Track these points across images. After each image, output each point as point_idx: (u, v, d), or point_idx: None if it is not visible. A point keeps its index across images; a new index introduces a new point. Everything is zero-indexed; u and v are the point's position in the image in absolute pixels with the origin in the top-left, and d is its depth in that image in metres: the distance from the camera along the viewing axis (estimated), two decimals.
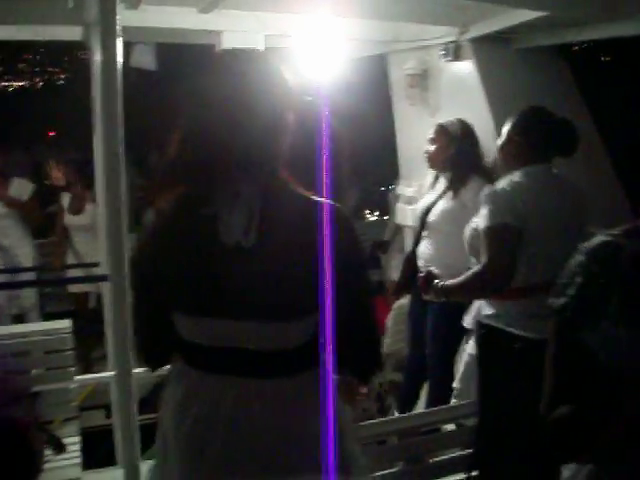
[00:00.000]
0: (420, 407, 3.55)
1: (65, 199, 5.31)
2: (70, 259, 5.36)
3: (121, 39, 2.10)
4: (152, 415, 3.01)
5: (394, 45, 4.25)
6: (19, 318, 5.03)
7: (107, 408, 4.41)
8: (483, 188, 2.57)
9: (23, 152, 5.59)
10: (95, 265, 4.25)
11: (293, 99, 1.42)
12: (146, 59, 3.95)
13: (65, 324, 2.89)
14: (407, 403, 3.64)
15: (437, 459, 2.23)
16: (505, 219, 2.30)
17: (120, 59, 2.11)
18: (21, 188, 5.10)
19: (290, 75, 1.43)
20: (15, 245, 5.08)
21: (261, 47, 3.66)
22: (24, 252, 5.11)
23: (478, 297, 2.55)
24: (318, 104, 1.56)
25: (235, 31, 3.62)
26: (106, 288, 3.62)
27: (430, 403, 3.35)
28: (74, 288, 5.37)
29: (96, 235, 4.92)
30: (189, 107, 1.41)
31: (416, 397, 3.66)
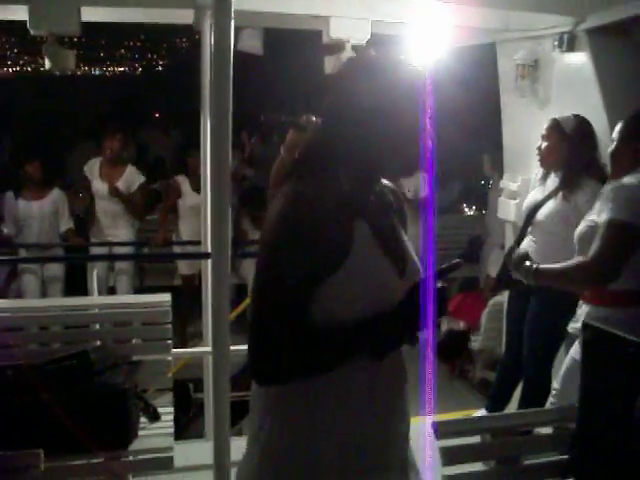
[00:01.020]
0: (512, 408, 3.46)
1: (184, 181, 5.55)
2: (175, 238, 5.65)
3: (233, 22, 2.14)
4: (240, 393, 3.10)
5: (504, 34, 4.12)
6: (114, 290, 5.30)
7: (195, 382, 4.58)
8: (598, 192, 2.50)
9: (131, 136, 5.86)
10: (197, 243, 4.41)
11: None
12: (254, 44, 4.00)
13: (165, 298, 2.99)
14: (497, 402, 3.56)
15: (531, 461, 2.17)
16: (629, 218, 2.25)
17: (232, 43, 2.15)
18: (132, 178, 5.35)
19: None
20: (115, 225, 5.35)
21: (368, 34, 3.63)
22: (122, 233, 5.37)
23: (575, 287, 2.52)
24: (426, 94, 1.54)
25: (343, 17, 3.61)
26: (206, 266, 3.75)
27: (523, 404, 3.26)
28: (183, 269, 5.66)
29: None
30: (349, 109, 1.42)
31: (507, 397, 3.57)
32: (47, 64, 3.51)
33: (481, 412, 3.52)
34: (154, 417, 2.78)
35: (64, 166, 7.42)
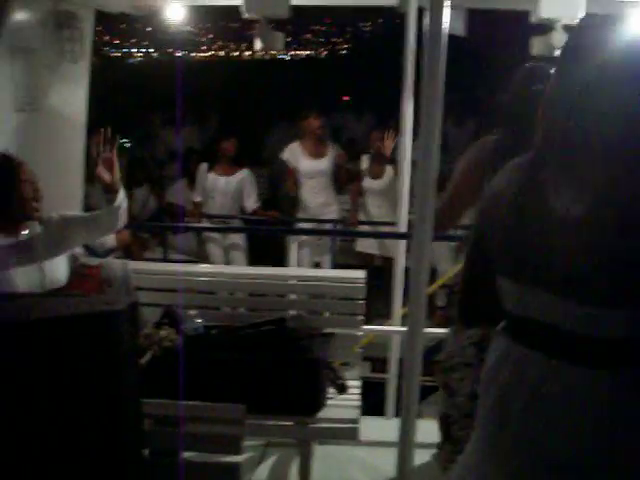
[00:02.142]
0: None
1: (365, 162, 5.68)
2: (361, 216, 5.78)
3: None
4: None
5: None
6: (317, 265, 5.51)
7: (374, 361, 4.66)
8: None
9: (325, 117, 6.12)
10: (391, 224, 4.48)
11: None
12: (457, 25, 3.92)
13: (360, 275, 3.06)
14: None
15: None
16: None
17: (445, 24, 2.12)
18: (334, 152, 5.59)
19: None
20: (326, 202, 5.57)
21: (581, 12, 3.42)
22: (331, 209, 5.59)
23: None
24: None
25: None
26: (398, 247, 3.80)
27: None
28: (362, 247, 5.79)
29: (388, 199, 5.24)
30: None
31: None
32: (257, 45, 3.70)
33: None
34: (342, 389, 2.86)
35: (262, 146, 7.83)
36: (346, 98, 14.22)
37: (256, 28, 3.62)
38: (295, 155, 5.59)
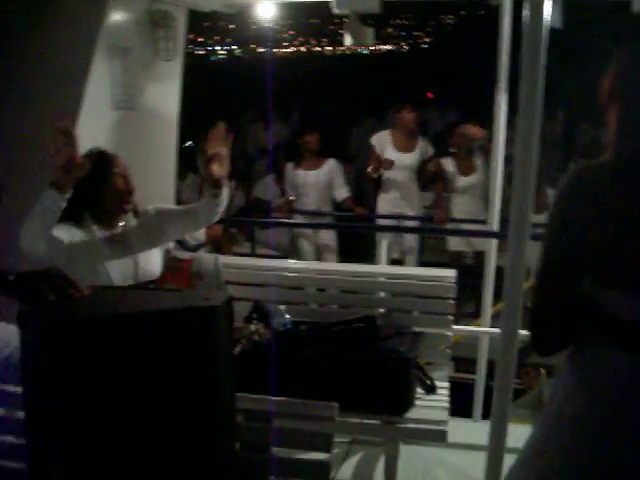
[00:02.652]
0: None
1: (449, 164, 5.57)
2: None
3: None
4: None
5: None
6: (398, 262, 5.46)
7: (457, 362, 4.56)
8: None
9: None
10: (481, 222, 4.37)
11: None
12: (553, 16, 3.78)
13: (451, 274, 3.00)
14: None
15: None
16: None
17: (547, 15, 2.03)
18: (424, 148, 5.57)
19: None
20: (407, 197, 5.52)
21: None
22: (413, 204, 5.53)
23: None
24: None
25: None
26: (489, 246, 3.70)
27: None
28: (455, 246, 5.70)
29: (476, 197, 5.13)
30: None
31: None
32: (347, 41, 3.69)
33: None
34: (430, 389, 2.81)
35: (347, 140, 7.82)
36: (430, 95, 14.00)
37: (345, 23, 3.62)
38: (383, 143, 5.55)
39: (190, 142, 4.95)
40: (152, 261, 2.86)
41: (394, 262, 5.46)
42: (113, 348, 1.67)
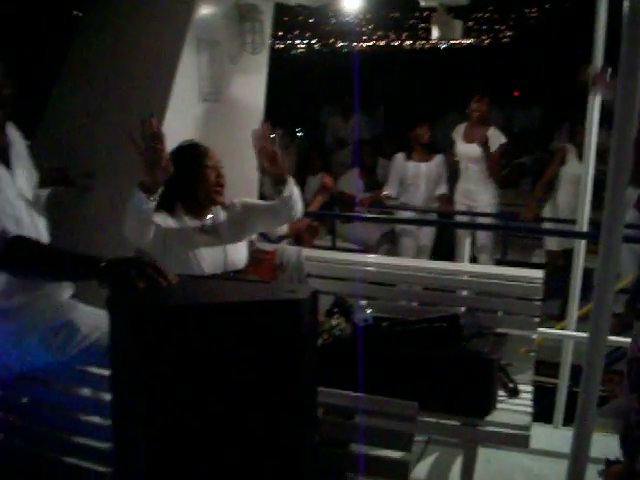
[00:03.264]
0: None
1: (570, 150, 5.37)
2: (547, 211, 5.49)
3: None
4: None
5: None
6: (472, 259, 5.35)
7: (537, 365, 4.42)
8: None
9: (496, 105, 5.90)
10: (570, 222, 4.22)
11: None
12: None
13: (538, 274, 2.91)
14: None
15: None
16: None
17: None
18: (494, 137, 5.34)
19: None
20: (477, 190, 5.40)
21: None
22: (484, 197, 5.40)
23: None
24: None
25: None
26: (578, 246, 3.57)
27: None
28: (551, 245, 5.52)
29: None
30: None
31: None
32: (434, 34, 3.62)
33: None
34: (513, 393, 2.73)
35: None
36: (516, 94, 13.60)
37: (433, 16, 3.56)
38: (457, 136, 5.52)
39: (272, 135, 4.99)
40: (239, 252, 2.91)
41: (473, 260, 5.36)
42: (199, 336, 1.70)
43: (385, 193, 5.63)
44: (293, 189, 2.83)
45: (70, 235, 2.81)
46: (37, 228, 2.40)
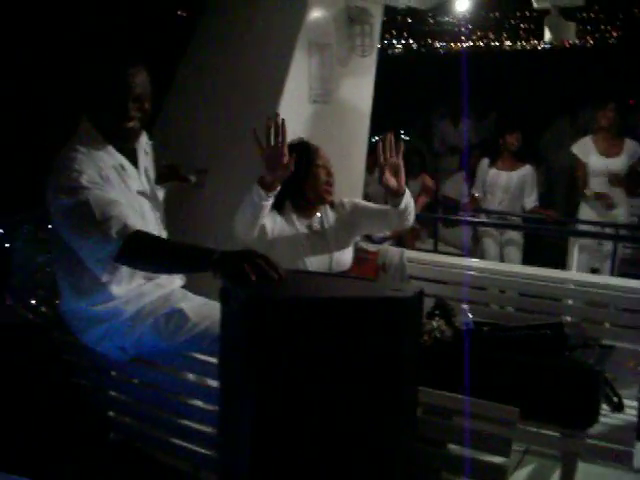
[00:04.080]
0: None
1: None
2: None
3: None
4: None
5: None
6: (596, 271, 5.14)
7: None
8: None
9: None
10: None
11: None
12: None
13: None
14: None
15: None
16: None
17: None
18: (632, 150, 5.10)
19: None
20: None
21: None
22: (618, 213, 5.17)
23: None
24: None
25: None
26: None
27: None
28: None
29: None
30: None
31: None
32: (547, 36, 3.56)
33: None
34: (618, 407, 2.65)
35: (538, 141, 7.50)
36: (632, 102, 12.94)
37: (546, 18, 3.49)
38: (585, 150, 5.21)
39: (379, 137, 5.02)
40: (346, 252, 2.95)
41: (593, 271, 5.14)
42: (308, 329, 1.76)
43: (475, 194, 5.54)
44: (410, 201, 2.82)
45: (183, 229, 2.94)
46: (159, 222, 2.56)
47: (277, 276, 1.91)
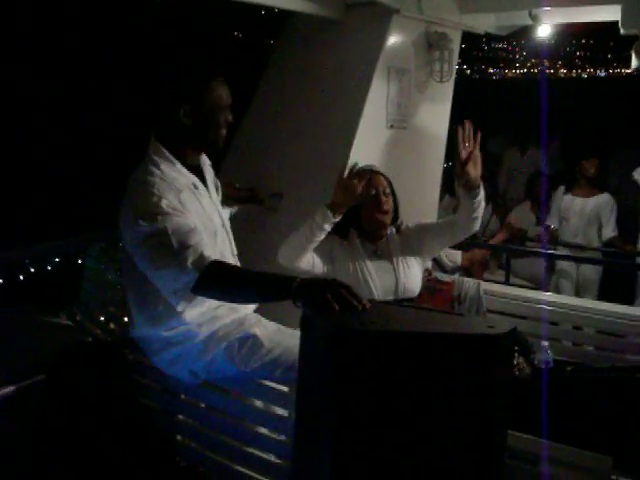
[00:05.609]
0: None
1: None
2: None
3: None
4: None
5: None
6: None
7: None
8: None
9: None
10: None
11: None
12: None
13: None
14: None
15: None
16: None
17: None
18: None
19: None
20: None
21: None
22: None
23: None
24: None
25: None
26: None
27: None
28: None
29: None
30: None
31: None
32: (634, 63, 3.43)
33: None
34: None
35: (607, 171, 7.26)
36: None
37: (635, 44, 3.37)
38: None
39: (449, 163, 4.92)
40: (412, 278, 2.87)
41: None
42: (395, 364, 1.68)
43: (550, 226, 5.34)
44: (482, 199, 2.73)
45: (255, 252, 2.92)
46: (230, 240, 2.53)
47: (361, 307, 1.84)
